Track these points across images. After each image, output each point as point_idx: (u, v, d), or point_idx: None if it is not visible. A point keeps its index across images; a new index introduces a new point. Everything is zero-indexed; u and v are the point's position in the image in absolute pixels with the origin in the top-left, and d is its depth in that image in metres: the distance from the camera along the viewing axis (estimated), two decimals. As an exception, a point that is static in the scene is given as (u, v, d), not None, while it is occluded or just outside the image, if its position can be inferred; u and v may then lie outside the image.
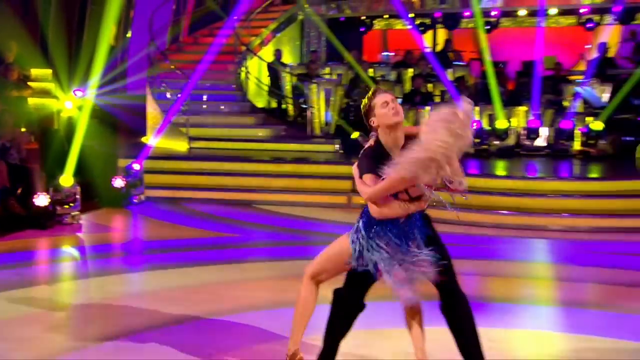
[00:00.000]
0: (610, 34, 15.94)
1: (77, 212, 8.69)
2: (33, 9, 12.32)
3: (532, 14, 14.66)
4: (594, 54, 14.43)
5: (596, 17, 15.38)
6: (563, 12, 15.52)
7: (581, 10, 15.04)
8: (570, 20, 16.22)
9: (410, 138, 3.77)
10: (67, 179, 8.70)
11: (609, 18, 15.32)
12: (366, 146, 3.96)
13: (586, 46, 16.30)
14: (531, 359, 4.70)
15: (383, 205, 3.72)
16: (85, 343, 4.73)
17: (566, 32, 16.77)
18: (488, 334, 4.45)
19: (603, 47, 14.17)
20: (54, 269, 7.07)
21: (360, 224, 3.86)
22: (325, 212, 9.33)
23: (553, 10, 15.10)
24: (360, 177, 3.79)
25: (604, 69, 13.59)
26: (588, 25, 15.62)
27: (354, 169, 3.89)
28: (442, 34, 16.15)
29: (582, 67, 14.75)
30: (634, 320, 5.32)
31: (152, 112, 12.51)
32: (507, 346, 4.82)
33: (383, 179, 3.67)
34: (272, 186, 10.19)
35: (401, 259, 3.76)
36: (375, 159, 3.78)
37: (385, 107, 3.79)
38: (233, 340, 4.75)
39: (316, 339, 4.09)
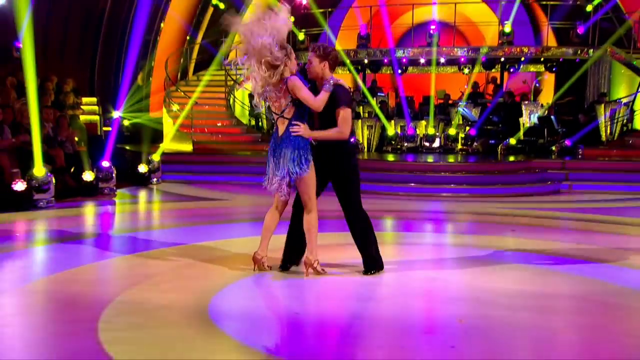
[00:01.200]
0: (479, 77, 16.47)
1: (113, 186, 8.46)
2: (85, 56, 12.75)
3: (428, 63, 15.00)
4: (469, 90, 14.87)
5: (470, 66, 15.79)
6: (448, 62, 15.88)
7: (461, 60, 15.43)
8: (454, 68, 16.62)
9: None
10: (105, 163, 8.46)
11: (478, 67, 15.77)
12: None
13: (465, 86, 16.75)
14: (430, 260, 4.79)
15: None
16: (115, 256, 4.68)
17: (451, 76, 17.21)
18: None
19: (475, 85, 14.56)
20: (97, 219, 6.89)
21: None
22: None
23: (442, 62, 15.44)
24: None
25: (475, 99, 14.05)
26: (465, 71, 16.06)
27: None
28: (369, 75, 16.33)
29: (462, 97, 15.14)
30: (491, 235, 5.50)
31: (167, 124, 12.31)
32: (413, 251, 4.89)
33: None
34: (251, 173, 10.06)
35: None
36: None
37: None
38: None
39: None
